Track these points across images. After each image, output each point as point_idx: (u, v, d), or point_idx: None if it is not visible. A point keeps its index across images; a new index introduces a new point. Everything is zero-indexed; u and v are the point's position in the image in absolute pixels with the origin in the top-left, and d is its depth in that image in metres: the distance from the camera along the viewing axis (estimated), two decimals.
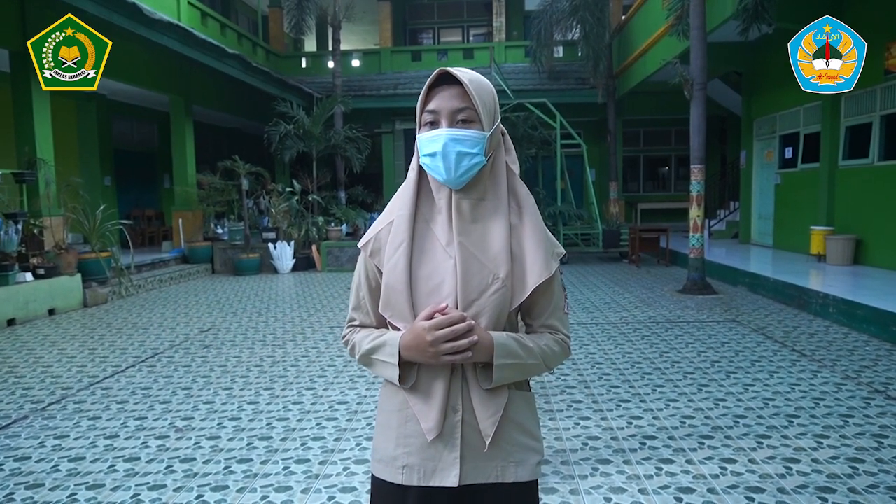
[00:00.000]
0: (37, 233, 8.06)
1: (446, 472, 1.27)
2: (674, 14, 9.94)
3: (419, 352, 1.23)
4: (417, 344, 1.22)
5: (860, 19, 7.72)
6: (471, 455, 1.28)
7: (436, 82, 1.27)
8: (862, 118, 9.12)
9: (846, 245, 8.93)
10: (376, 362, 1.32)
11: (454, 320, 1.20)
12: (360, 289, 1.38)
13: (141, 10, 9.03)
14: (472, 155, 1.24)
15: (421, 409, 1.28)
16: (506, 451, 1.30)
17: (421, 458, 1.29)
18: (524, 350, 1.28)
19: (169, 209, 13.87)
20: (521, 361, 1.27)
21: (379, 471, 1.34)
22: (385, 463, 1.33)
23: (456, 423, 1.27)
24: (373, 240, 1.35)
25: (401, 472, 1.30)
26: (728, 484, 2.97)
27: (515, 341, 1.27)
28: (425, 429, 1.27)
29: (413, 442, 1.29)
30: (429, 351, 1.21)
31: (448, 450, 1.27)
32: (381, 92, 16.62)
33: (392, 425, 1.33)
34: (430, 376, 1.28)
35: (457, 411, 1.28)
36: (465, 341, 1.20)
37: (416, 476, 1.29)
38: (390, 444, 1.32)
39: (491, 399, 1.28)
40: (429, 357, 1.23)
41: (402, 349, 1.26)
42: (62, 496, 2.97)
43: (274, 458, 3.36)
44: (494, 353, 1.24)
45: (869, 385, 4.43)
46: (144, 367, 5.26)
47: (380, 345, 1.30)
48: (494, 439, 1.28)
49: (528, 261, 1.28)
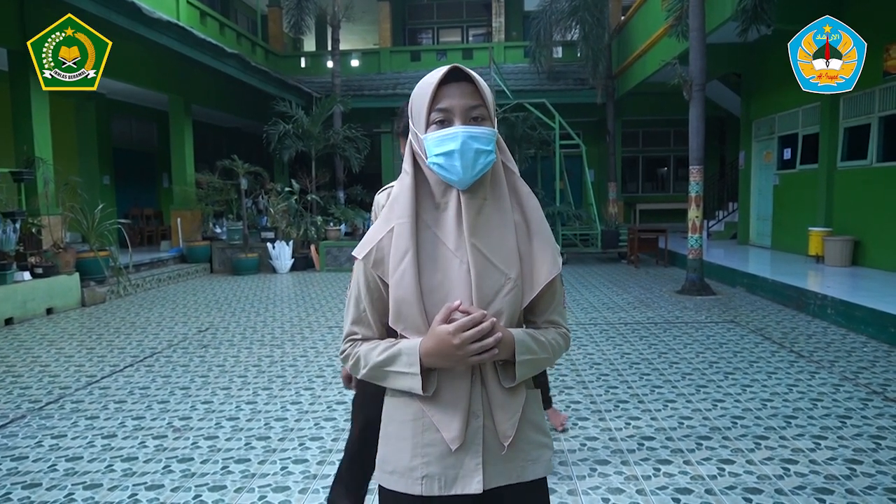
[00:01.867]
0: (35, 232, 8.05)
1: (469, 479, 1.24)
2: (673, 15, 9.95)
3: (444, 357, 1.19)
4: (441, 349, 1.18)
5: (859, 21, 7.72)
6: (492, 459, 1.26)
7: (443, 80, 1.23)
8: (861, 119, 9.13)
9: (844, 246, 8.94)
10: (391, 374, 1.26)
11: (477, 320, 1.17)
12: (361, 301, 1.31)
13: (140, 10, 9.03)
14: (487, 152, 1.22)
15: (441, 418, 1.24)
16: (524, 451, 1.29)
17: (441, 467, 1.25)
18: (539, 345, 1.28)
19: (167, 208, 13.87)
20: (537, 357, 1.27)
21: (392, 483, 1.29)
22: (400, 475, 1.28)
23: (477, 428, 1.25)
24: (374, 249, 1.27)
25: (420, 483, 1.25)
26: (726, 485, 2.98)
27: (531, 337, 1.27)
28: (448, 438, 1.23)
29: (432, 451, 1.25)
30: (456, 355, 1.18)
31: (470, 456, 1.25)
32: (381, 92, 16.63)
33: (406, 436, 1.28)
34: (451, 384, 1.25)
35: (478, 416, 1.25)
36: (491, 339, 1.17)
37: (437, 486, 1.25)
38: (405, 455, 1.28)
39: (511, 401, 1.27)
40: (456, 361, 1.19)
41: (423, 356, 1.21)
42: (59, 496, 2.96)
43: (272, 459, 3.35)
44: (516, 350, 1.23)
45: (867, 386, 4.44)
46: (142, 367, 5.25)
47: (394, 355, 1.24)
48: (513, 440, 1.26)
49: (537, 259, 1.28)
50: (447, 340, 1.17)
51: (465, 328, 1.16)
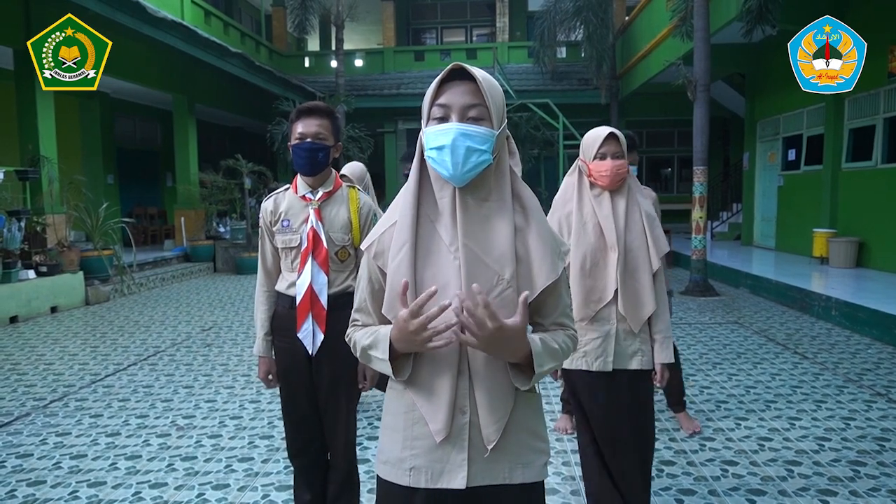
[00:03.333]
0: (40, 230, 8.08)
1: (454, 474, 1.27)
2: (677, 15, 9.93)
3: (406, 342, 1.22)
4: (402, 335, 1.21)
5: (863, 22, 7.70)
6: (479, 457, 1.28)
7: (447, 77, 1.26)
8: (865, 120, 9.11)
9: (849, 247, 8.91)
10: (373, 358, 1.31)
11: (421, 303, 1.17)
12: (363, 290, 1.38)
13: (145, 9, 9.05)
14: (480, 152, 1.23)
15: (428, 410, 1.28)
16: (513, 454, 1.30)
17: (428, 460, 1.28)
18: (552, 354, 1.29)
19: (171, 207, 13.89)
20: (552, 365, 1.30)
21: (385, 472, 1.34)
22: (392, 465, 1.33)
23: (463, 424, 1.27)
24: (376, 241, 1.33)
25: (408, 474, 1.30)
26: (729, 486, 2.97)
27: (545, 346, 1.28)
28: (433, 430, 1.27)
29: (420, 444, 1.29)
30: (414, 340, 1.20)
31: (456, 451, 1.27)
32: (384, 92, 16.63)
33: (399, 427, 1.33)
34: (433, 374, 1.28)
35: (464, 413, 1.27)
36: (442, 325, 1.18)
37: (424, 478, 1.28)
38: (397, 446, 1.32)
39: (498, 404, 1.28)
40: (417, 346, 1.22)
41: (393, 341, 1.25)
42: (64, 493, 2.97)
43: (275, 457, 3.36)
44: (535, 363, 1.24)
45: (871, 388, 4.42)
46: (146, 365, 5.27)
47: (374, 341, 1.30)
48: (501, 442, 1.28)
49: (535, 263, 1.29)
50: (404, 326, 1.19)
51: (416, 314, 1.17)
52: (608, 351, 2.27)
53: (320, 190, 2.31)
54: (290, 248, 2.31)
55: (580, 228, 2.31)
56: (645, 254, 2.28)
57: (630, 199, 2.32)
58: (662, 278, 2.33)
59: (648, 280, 2.27)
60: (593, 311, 2.29)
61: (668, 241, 2.47)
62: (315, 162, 2.25)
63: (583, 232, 2.30)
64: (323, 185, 2.32)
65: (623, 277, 2.25)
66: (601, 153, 2.27)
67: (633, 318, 2.26)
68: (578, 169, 2.37)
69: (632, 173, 2.38)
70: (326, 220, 2.29)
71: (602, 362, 2.27)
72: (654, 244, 2.29)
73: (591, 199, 2.32)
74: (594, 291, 2.29)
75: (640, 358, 2.28)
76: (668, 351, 2.31)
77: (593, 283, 2.29)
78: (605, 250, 2.28)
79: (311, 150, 2.23)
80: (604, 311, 2.28)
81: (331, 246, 2.28)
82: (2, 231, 7.27)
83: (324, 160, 2.27)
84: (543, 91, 15.52)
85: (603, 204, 2.30)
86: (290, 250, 2.31)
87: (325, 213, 2.30)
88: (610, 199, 2.30)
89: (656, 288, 2.30)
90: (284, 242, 2.31)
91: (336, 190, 2.35)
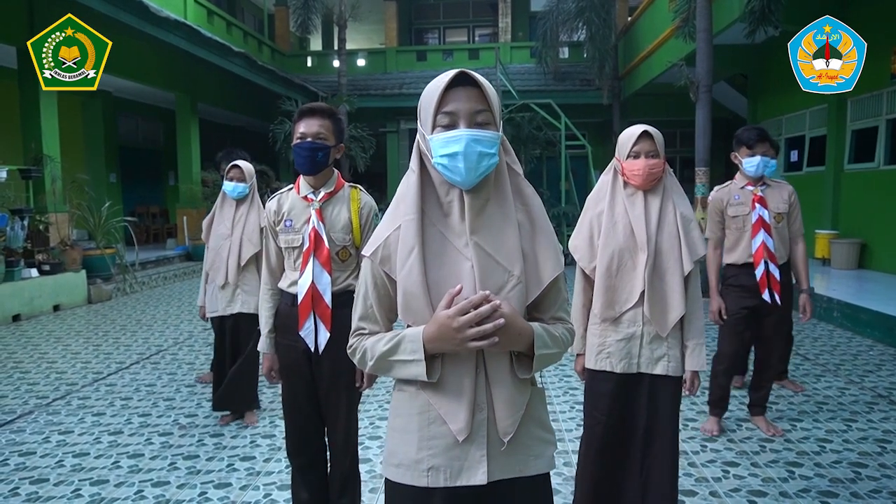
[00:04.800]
0: (42, 229, 8.10)
1: (474, 471, 1.28)
2: (680, 16, 9.91)
3: (445, 341, 1.21)
4: (442, 333, 1.21)
5: (866, 23, 7.68)
6: (496, 451, 1.29)
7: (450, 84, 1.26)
8: (868, 122, 9.09)
9: (851, 249, 8.90)
10: (396, 363, 1.29)
11: (475, 302, 1.19)
12: (368, 297, 1.35)
13: (148, 8, 9.06)
14: (490, 155, 1.25)
15: (448, 409, 1.27)
16: (527, 446, 1.32)
17: (447, 459, 1.28)
18: (553, 340, 1.31)
19: (173, 206, 13.92)
20: (552, 351, 1.31)
21: (399, 476, 1.32)
22: (406, 467, 1.31)
23: (481, 421, 1.28)
24: (381, 247, 1.32)
25: (426, 475, 1.29)
26: (730, 487, 2.97)
27: (546, 332, 1.30)
28: (455, 430, 1.26)
29: (437, 443, 1.29)
30: (456, 338, 1.19)
31: (475, 448, 1.28)
32: (386, 91, 16.63)
33: (412, 429, 1.31)
34: (456, 375, 1.28)
35: (482, 409, 1.28)
36: (490, 325, 1.19)
37: (443, 477, 1.28)
38: (411, 448, 1.31)
39: (516, 397, 1.30)
40: (456, 345, 1.21)
41: (426, 342, 1.23)
42: (66, 491, 2.98)
43: (277, 457, 3.37)
44: (535, 344, 1.26)
45: (872, 390, 4.42)
46: (148, 364, 5.28)
47: (398, 343, 1.28)
48: (516, 435, 1.29)
49: (540, 258, 1.31)
50: (447, 324, 1.19)
51: (464, 311, 1.19)
52: (633, 353, 2.24)
53: (322, 190, 2.33)
54: (293, 248, 2.33)
55: (610, 228, 2.25)
56: (677, 256, 2.21)
57: (665, 199, 2.25)
58: (697, 282, 2.25)
59: (678, 283, 2.20)
60: (618, 312, 2.25)
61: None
62: (314, 161, 2.27)
63: (612, 232, 2.25)
64: (325, 185, 2.34)
65: (651, 279, 2.20)
66: (634, 152, 2.21)
67: (660, 322, 2.21)
68: (614, 168, 2.32)
69: (669, 172, 2.29)
70: (327, 221, 2.30)
71: (626, 364, 2.24)
72: (687, 246, 2.21)
73: (623, 198, 2.27)
74: (620, 292, 2.24)
75: (666, 363, 2.24)
76: (699, 358, 2.25)
77: (620, 283, 2.24)
78: (635, 251, 2.21)
79: (311, 149, 2.25)
80: (629, 313, 2.24)
81: (332, 246, 2.29)
82: (5, 229, 7.30)
83: (323, 160, 2.28)
84: (546, 91, 15.50)
85: (636, 204, 2.24)
86: (293, 250, 2.34)
87: (327, 213, 2.32)
88: (643, 199, 2.24)
89: (689, 292, 2.23)
90: (287, 242, 2.34)
91: (338, 190, 2.37)
